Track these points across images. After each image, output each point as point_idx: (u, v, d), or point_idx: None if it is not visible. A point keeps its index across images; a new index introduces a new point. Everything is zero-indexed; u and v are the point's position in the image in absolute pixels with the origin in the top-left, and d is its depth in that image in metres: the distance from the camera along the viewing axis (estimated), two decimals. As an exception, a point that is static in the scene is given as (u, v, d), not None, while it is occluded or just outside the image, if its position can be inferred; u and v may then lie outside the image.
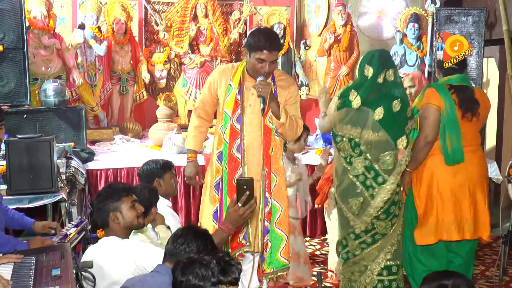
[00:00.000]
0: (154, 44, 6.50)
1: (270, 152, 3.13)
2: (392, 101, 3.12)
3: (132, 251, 2.51)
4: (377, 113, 3.10)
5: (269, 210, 3.15)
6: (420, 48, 5.96)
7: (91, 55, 5.81)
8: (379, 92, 3.14)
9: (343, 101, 3.21)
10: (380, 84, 3.15)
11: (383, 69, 3.16)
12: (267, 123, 3.12)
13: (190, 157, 3.38)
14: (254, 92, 3.09)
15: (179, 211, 4.79)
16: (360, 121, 3.14)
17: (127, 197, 2.67)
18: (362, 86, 3.17)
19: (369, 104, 3.13)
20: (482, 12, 5.22)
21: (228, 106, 3.13)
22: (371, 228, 3.20)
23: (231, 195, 3.09)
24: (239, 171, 3.12)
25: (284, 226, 3.16)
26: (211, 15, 6.31)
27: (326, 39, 6.16)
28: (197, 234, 2.37)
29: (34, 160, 3.45)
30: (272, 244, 3.14)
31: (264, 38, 3.00)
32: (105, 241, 2.63)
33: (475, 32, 5.22)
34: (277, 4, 6.80)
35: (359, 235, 3.24)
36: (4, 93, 4.49)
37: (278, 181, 3.15)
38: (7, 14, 4.48)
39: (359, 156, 3.16)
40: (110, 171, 4.75)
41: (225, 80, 3.16)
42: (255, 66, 3.04)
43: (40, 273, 2.09)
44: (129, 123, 6.08)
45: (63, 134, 4.77)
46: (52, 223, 3.09)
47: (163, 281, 2.22)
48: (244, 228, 3.14)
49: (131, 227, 2.69)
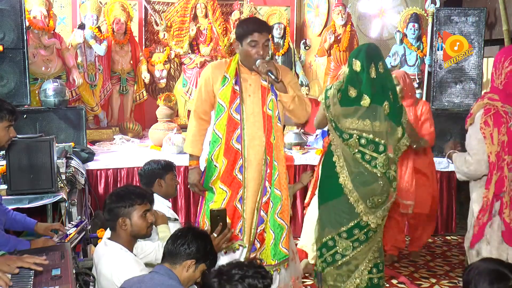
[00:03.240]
0: (154, 44, 6.51)
1: (272, 140, 3.11)
2: (388, 93, 3.13)
3: (130, 270, 2.46)
4: (385, 108, 3.10)
5: (266, 199, 3.13)
6: (420, 48, 5.96)
7: (91, 55, 5.82)
8: (378, 87, 3.14)
9: (342, 99, 3.15)
10: (375, 79, 3.14)
11: (371, 62, 3.13)
12: (267, 110, 3.09)
13: (192, 164, 3.29)
14: (252, 82, 3.09)
15: (179, 212, 4.79)
16: (374, 116, 3.11)
17: (140, 205, 2.59)
18: (360, 82, 3.14)
19: (376, 101, 3.11)
20: (482, 12, 5.22)
21: (223, 96, 3.09)
22: (366, 225, 3.18)
23: (231, 187, 3.09)
24: (239, 162, 3.11)
25: (285, 216, 3.13)
26: (211, 15, 6.32)
27: (326, 39, 6.17)
28: (197, 234, 2.37)
29: (34, 160, 3.45)
30: (275, 235, 3.11)
31: (251, 22, 3.09)
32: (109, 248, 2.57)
33: (475, 32, 5.21)
34: (277, 4, 6.81)
35: (353, 233, 3.19)
36: (4, 93, 4.48)
37: (280, 170, 3.12)
38: (7, 14, 4.48)
39: (382, 152, 3.10)
40: (110, 171, 4.75)
41: (219, 73, 3.14)
42: (249, 52, 3.01)
43: (40, 273, 2.09)
44: (129, 123, 6.08)
45: (63, 134, 4.77)
46: (55, 225, 3.05)
47: (161, 282, 2.22)
48: (240, 221, 3.13)
49: (137, 235, 2.61)
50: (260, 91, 3.09)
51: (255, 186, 3.12)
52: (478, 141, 2.64)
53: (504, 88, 2.61)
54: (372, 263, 3.23)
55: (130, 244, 2.62)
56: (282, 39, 6.23)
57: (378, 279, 3.24)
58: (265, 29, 3.05)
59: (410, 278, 4.22)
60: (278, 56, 6.24)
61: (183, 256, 2.31)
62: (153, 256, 2.81)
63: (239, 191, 3.11)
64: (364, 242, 3.20)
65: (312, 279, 3.97)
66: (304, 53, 6.41)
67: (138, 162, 4.52)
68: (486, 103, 2.63)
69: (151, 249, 2.81)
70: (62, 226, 3.06)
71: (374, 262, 3.23)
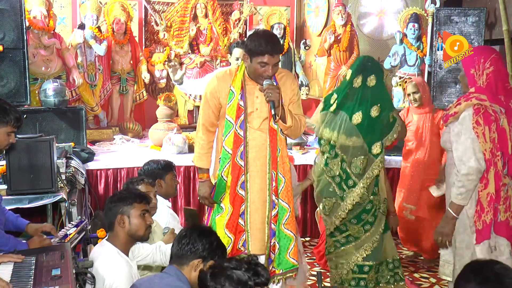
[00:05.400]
0: (154, 44, 6.50)
1: (277, 154, 3.10)
2: (371, 106, 3.14)
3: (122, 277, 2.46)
4: (355, 118, 3.14)
5: (276, 213, 3.11)
6: (420, 48, 5.96)
7: (91, 55, 5.81)
8: (357, 97, 3.18)
9: (325, 105, 3.30)
10: (357, 89, 3.19)
11: (359, 73, 3.19)
12: (272, 125, 3.08)
13: (202, 177, 3.25)
14: (259, 95, 3.04)
15: (179, 212, 4.80)
16: (336, 125, 3.20)
17: (139, 204, 2.61)
18: (341, 90, 3.25)
19: (345, 108, 3.18)
20: (482, 12, 5.22)
21: (231, 112, 3.06)
22: (345, 229, 3.27)
23: (233, 204, 3.09)
24: (241, 179, 3.09)
25: (292, 226, 3.13)
26: (211, 15, 6.31)
27: (326, 39, 6.17)
28: (201, 233, 2.36)
29: (34, 160, 3.45)
30: (281, 245, 3.11)
31: (264, 42, 2.94)
32: (105, 250, 2.57)
33: (475, 32, 5.22)
34: (277, 4, 6.80)
35: (334, 234, 3.31)
36: (4, 93, 4.48)
37: (286, 182, 3.12)
38: (7, 14, 4.47)
39: (334, 158, 3.22)
40: (110, 171, 4.75)
41: (225, 86, 3.09)
42: (258, 70, 2.97)
43: (40, 273, 2.09)
44: (129, 123, 6.08)
45: (63, 134, 4.77)
46: (46, 226, 2.98)
47: (169, 283, 2.22)
48: (243, 235, 3.13)
49: (134, 236, 2.61)
50: (267, 105, 3.04)
51: (261, 199, 3.10)
52: (472, 141, 2.72)
53: (486, 87, 2.73)
54: (357, 264, 3.25)
55: (127, 246, 2.61)
56: (282, 39, 6.23)
57: (358, 279, 3.27)
58: (277, 50, 2.97)
59: (410, 278, 4.22)
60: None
61: (189, 256, 2.30)
62: (150, 259, 2.81)
63: (241, 206, 3.11)
64: (346, 245, 3.29)
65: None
66: (304, 53, 6.41)
67: (138, 162, 4.52)
68: (476, 103, 2.72)
69: (149, 252, 2.81)
70: (54, 228, 3.00)
71: (358, 263, 3.26)
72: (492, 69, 2.74)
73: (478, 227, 2.77)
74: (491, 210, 2.76)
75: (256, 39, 2.97)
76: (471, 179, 2.73)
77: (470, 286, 1.93)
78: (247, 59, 3.01)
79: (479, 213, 2.77)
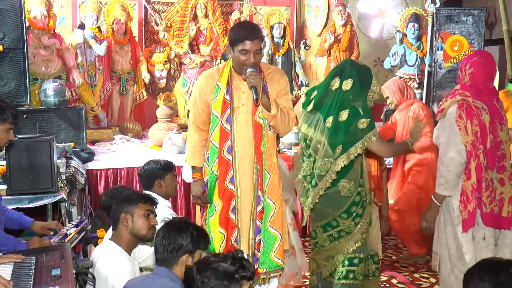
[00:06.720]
0: (154, 44, 6.51)
1: (262, 149, 3.06)
2: (340, 110, 3.14)
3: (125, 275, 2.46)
4: (328, 121, 3.16)
5: (261, 209, 3.09)
6: (420, 48, 5.96)
7: (91, 55, 5.82)
8: (331, 99, 3.19)
9: (306, 99, 3.32)
10: (333, 91, 3.19)
11: (337, 75, 3.20)
12: (257, 119, 3.05)
13: (195, 176, 3.22)
14: (246, 90, 3.03)
15: (178, 212, 4.80)
16: (312, 122, 3.24)
17: (144, 204, 2.62)
18: (321, 88, 3.28)
19: (321, 110, 3.21)
20: (482, 12, 5.22)
21: (216, 107, 3.05)
22: (336, 225, 3.27)
23: (222, 198, 3.07)
24: (230, 173, 3.07)
25: (278, 225, 3.07)
26: (211, 15, 6.32)
27: (326, 39, 6.17)
28: (178, 228, 2.34)
29: (34, 160, 3.45)
30: (265, 244, 3.07)
31: (243, 29, 2.97)
32: (108, 249, 2.57)
33: (475, 32, 5.22)
34: (277, 4, 6.81)
35: (327, 229, 3.31)
36: (4, 93, 4.48)
37: (272, 179, 3.07)
38: (7, 14, 4.47)
39: (308, 158, 3.26)
40: (110, 171, 4.75)
41: (212, 82, 3.08)
42: (240, 59, 2.95)
43: (40, 273, 2.09)
44: (129, 123, 6.08)
45: (63, 134, 4.77)
46: (52, 224, 3.04)
47: (162, 283, 2.22)
48: (235, 231, 3.11)
49: (137, 235, 2.60)
50: (252, 100, 3.01)
51: (249, 196, 3.08)
52: (454, 133, 2.91)
53: (470, 85, 2.99)
54: (347, 256, 3.27)
55: (130, 245, 2.61)
56: (282, 39, 6.23)
57: (347, 272, 3.28)
58: (257, 36, 2.94)
59: (410, 278, 4.22)
60: (278, 56, 6.23)
61: (176, 255, 2.29)
62: (151, 261, 2.81)
63: (231, 201, 3.08)
64: (339, 239, 3.29)
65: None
66: (304, 53, 6.41)
67: (138, 162, 4.52)
68: (460, 99, 2.93)
69: (150, 253, 2.81)
70: (59, 224, 3.05)
71: (349, 256, 3.26)
72: (472, 70, 2.98)
73: (464, 216, 2.94)
74: (474, 199, 2.93)
75: (235, 28, 3.05)
76: (450, 170, 2.92)
77: (484, 286, 1.96)
78: (230, 51, 3.02)
79: (464, 203, 2.94)
